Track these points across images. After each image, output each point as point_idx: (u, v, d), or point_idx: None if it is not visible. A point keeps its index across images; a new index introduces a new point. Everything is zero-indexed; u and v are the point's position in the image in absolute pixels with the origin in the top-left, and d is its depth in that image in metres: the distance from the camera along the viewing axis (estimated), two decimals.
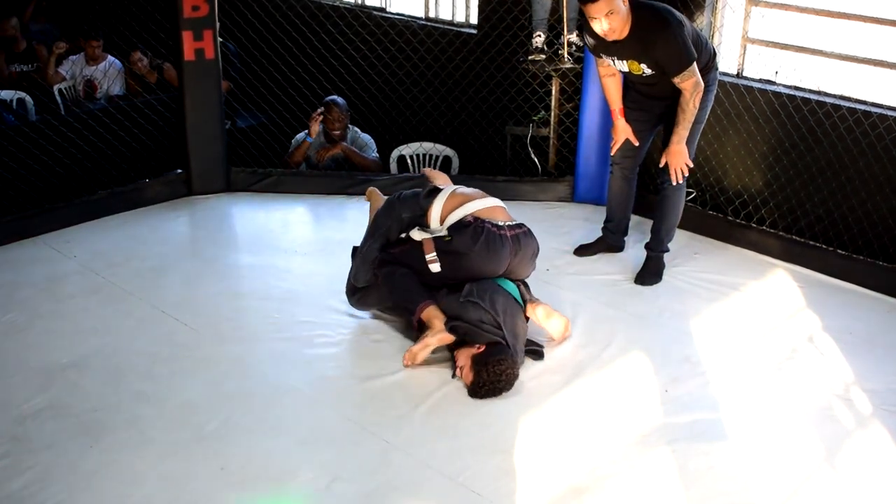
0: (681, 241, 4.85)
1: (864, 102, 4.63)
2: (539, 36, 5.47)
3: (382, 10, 7.20)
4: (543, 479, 3.08)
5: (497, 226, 3.76)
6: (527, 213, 4.57)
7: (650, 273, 4.49)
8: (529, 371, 3.70)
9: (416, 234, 3.81)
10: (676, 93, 4.07)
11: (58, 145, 5.50)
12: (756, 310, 4.27)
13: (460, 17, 6.83)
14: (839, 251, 4.64)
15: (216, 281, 4.45)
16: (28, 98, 6.75)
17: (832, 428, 3.38)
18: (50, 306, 4.16)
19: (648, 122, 4.40)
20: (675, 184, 4.27)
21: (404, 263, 3.80)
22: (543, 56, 5.46)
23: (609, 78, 4.31)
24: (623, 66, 4.12)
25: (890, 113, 4.48)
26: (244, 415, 3.40)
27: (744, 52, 5.06)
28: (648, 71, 4.04)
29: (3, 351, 3.80)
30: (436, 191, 3.92)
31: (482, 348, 3.54)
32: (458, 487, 3.03)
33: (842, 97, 4.71)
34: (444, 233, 3.77)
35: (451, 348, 3.70)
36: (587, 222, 5.23)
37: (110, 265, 4.57)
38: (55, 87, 6.94)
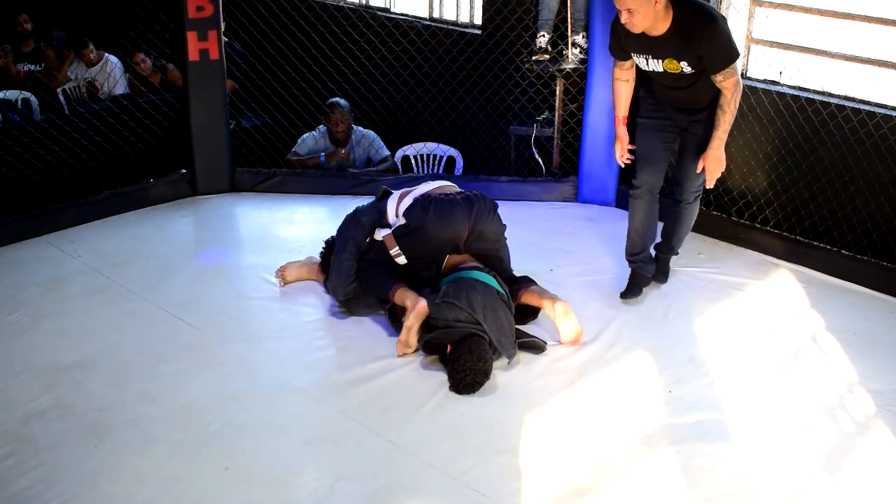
0: (685, 242, 4.85)
1: (869, 103, 4.63)
2: (543, 36, 5.48)
3: (386, 10, 7.21)
4: (547, 478, 3.08)
5: (445, 194, 3.97)
6: (530, 213, 4.58)
7: (657, 272, 4.43)
8: (533, 371, 3.71)
9: (378, 234, 3.96)
10: (708, 101, 3.90)
11: (62, 145, 5.50)
12: (760, 310, 4.27)
13: (464, 18, 6.84)
14: (843, 251, 4.64)
15: (220, 281, 4.45)
16: (33, 98, 6.77)
17: (835, 428, 3.38)
18: (54, 306, 4.17)
19: (672, 136, 4.18)
20: (707, 186, 4.07)
21: (379, 264, 3.94)
22: (547, 56, 5.47)
23: (623, 83, 4.12)
24: (657, 65, 3.86)
25: (894, 113, 4.48)
26: (248, 415, 3.41)
27: (748, 53, 5.05)
28: (688, 69, 3.80)
29: (8, 351, 3.81)
30: (388, 192, 4.12)
31: (450, 348, 3.61)
32: (461, 487, 3.04)
33: (846, 97, 4.70)
34: (402, 221, 3.94)
35: (441, 359, 3.74)
36: (591, 222, 5.23)
37: (115, 265, 4.58)
38: (59, 88, 6.96)
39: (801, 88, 4.83)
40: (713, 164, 3.96)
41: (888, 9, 4.59)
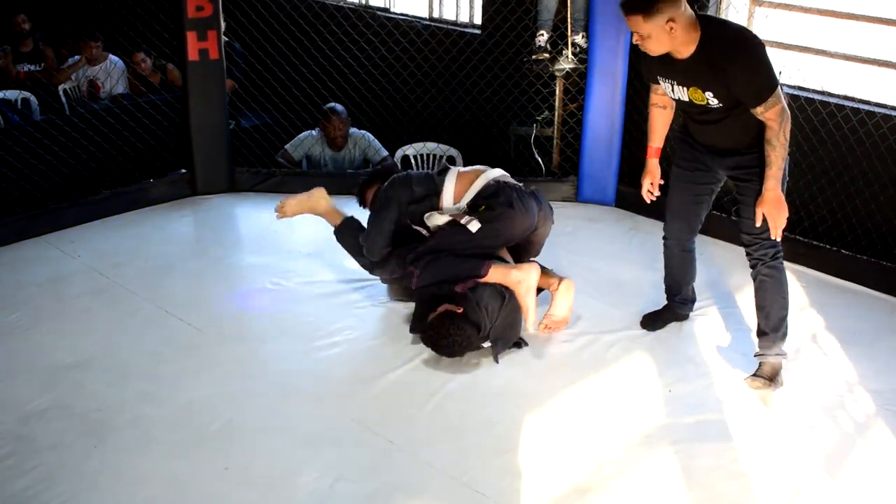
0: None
1: (868, 102, 4.63)
2: (542, 35, 5.48)
3: (386, 10, 7.21)
4: (547, 479, 3.08)
5: (518, 186, 3.90)
6: None
7: (761, 380, 3.55)
8: (533, 371, 3.71)
9: (439, 219, 3.85)
10: (748, 142, 3.34)
11: (62, 145, 5.50)
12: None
13: (464, 18, 6.84)
14: (843, 251, 4.64)
15: (220, 281, 4.45)
16: (32, 98, 6.76)
17: (835, 428, 3.38)
18: (54, 306, 4.17)
19: (707, 189, 3.65)
20: (774, 238, 3.43)
21: (442, 248, 3.79)
22: (547, 56, 5.47)
23: (658, 109, 3.65)
24: (682, 93, 3.33)
25: (894, 113, 4.48)
26: (248, 415, 3.41)
27: None
28: (714, 102, 3.26)
29: (8, 351, 3.81)
30: (446, 169, 4.01)
31: (461, 310, 3.63)
32: (461, 488, 3.03)
33: (846, 97, 4.71)
34: (462, 208, 3.85)
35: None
36: (591, 222, 5.23)
37: (114, 265, 4.58)
38: (60, 88, 6.96)
39: (800, 88, 4.84)
40: (772, 210, 3.33)
41: (888, 9, 4.60)
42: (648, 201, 3.84)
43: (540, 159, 5.68)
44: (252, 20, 6.37)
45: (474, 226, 3.74)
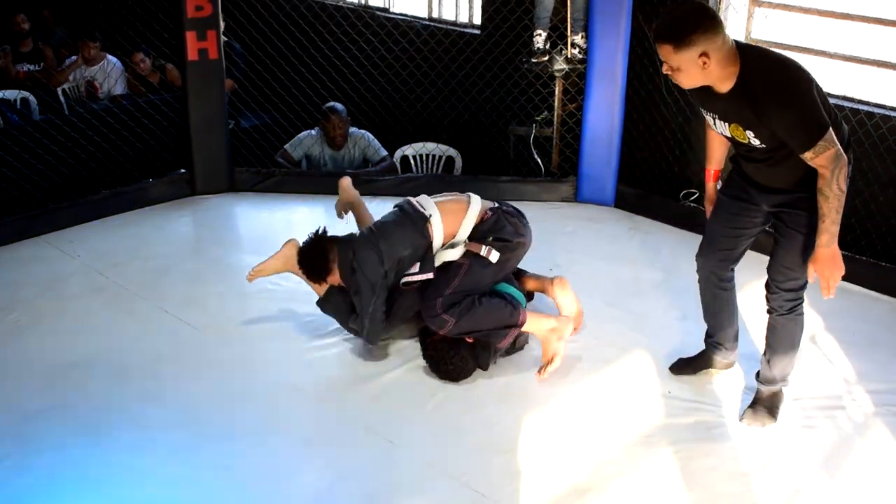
0: (683, 242, 4.85)
1: (867, 103, 4.63)
2: (539, 35, 5.48)
3: (386, 10, 7.21)
4: (547, 479, 3.08)
5: (505, 207, 3.80)
6: (530, 213, 4.53)
7: (760, 409, 3.37)
8: (532, 371, 3.70)
9: (453, 254, 3.60)
10: (795, 181, 2.99)
11: (61, 145, 5.50)
12: (758, 310, 4.25)
13: (463, 18, 6.84)
14: (842, 252, 4.62)
15: (220, 281, 4.45)
16: (32, 98, 6.76)
17: (834, 428, 3.38)
18: (54, 306, 4.17)
19: (749, 222, 3.24)
20: (826, 297, 3.07)
21: (473, 290, 3.57)
22: (546, 56, 5.47)
23: (714, 131, 3.16)
24: (724, 128, 3.00)
25: (893, 114, 4.49)
26: (248, 415, 3.41)
27: None
28: (756, 142, 2.93)
29: (8, 350, 3.81)
30: (420, 215, 3.64)
31: (472, 341, 3.60)
32: (461, 488, 3.04)
33: (845, 98, 4.71)
34: (459, 252, 3.60)
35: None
36: (591, 222, 5.23)
37: (114, 265, 4.58)
38: (59, 88, 6.95)
39: None
40: (825, 268, 2.97)
41: (887, 9, 4.60)
42: None
43: (539, 159, 5.69)
44: (251, 20, 6.37)
45: (494, 256, 3.57)
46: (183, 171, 5.51)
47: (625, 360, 3.81)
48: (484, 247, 3.58)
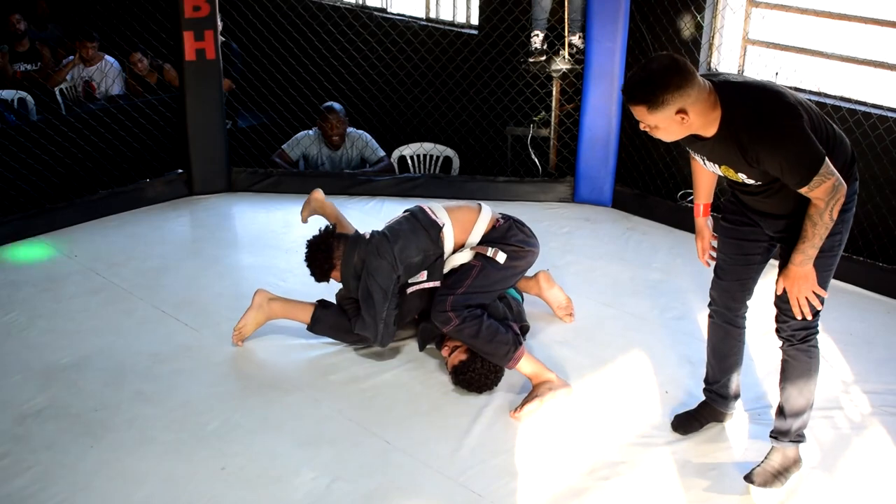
0: (680, 242, 4.86)
1: (865, 104, 4.64)
2: (537, 35, 5.48)
3: (383, 10, 7.21)
4: (543, 479, 3.09)
5: (519, 220, 3.79)
6: (527, 213, 4.56)
7: (768, 470, 3.04)
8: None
9: (462, 257, 3.64)
10: (794, 207, 2.83)
11: (59, 145, 5.50)
12: (756, 310, 4.24)
13: (461, 18, 6.84)
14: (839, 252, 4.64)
15: (217, 281, 4.45)
16: (29, 98, 6.76)
17: (831, 428, 3.38)
18: (51, 306, 4.17)
19: (759, 247, 3.06)
20: (799, 318, 2.91)
21: (482, 291, 3.57)
22: (543, 57, 5.47)
23: (700, 164, 2.99)
24: (715, 168, 2.87)
25: (890, 114, 4.49)
26: (245, 415, 3.41)
27: (744, 53, 5.07)
28: (749, 181, 2.82)
29: (4, 351, 3.81)
30: (433, 223, 3.65)
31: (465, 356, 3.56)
32: (458, 488, 3.04)
33: (842, 98, 4.72)
34: (469, 255, 3.64)
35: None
36: (588, 223, 5.24)
37: (111, 265, 4.58)
38: (56, 88, 6.95)
39: (796, 89, 4.83)
40: (794, 286, 2.85)
41: (884, 9, 4.60)
42: (708, 266, 3.28)
43: (537, 160, 5.69)
44: (249, 20, 6.37)
45: (501, 256, 3.57)
46: (180, 171, 5.51)
47: (622, 361, 3.82)
48: (490, 248, 3.60)
